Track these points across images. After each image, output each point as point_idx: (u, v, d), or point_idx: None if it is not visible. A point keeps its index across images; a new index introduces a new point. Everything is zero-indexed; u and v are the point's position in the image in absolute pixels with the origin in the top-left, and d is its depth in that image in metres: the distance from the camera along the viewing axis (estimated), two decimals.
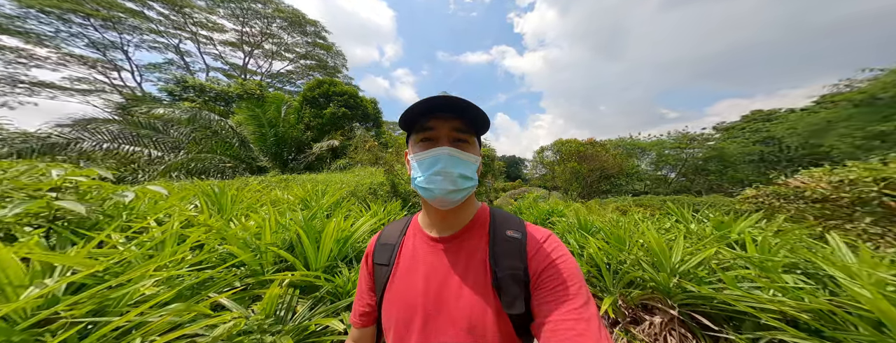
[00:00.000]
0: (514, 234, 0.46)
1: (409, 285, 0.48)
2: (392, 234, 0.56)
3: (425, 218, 0.53)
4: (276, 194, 3.17)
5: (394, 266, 0.51)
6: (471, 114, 0.43)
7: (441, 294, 0.44)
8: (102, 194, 1.47)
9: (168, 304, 0.82)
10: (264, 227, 1.34)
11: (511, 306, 0.40)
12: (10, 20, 12.76)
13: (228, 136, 7.73)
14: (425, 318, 0.43)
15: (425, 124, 0.45)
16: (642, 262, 1.52)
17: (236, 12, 21.81)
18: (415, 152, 0.46)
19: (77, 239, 1.12)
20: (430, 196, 0.44)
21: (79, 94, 14.98)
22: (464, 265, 0.46)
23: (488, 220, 0.50)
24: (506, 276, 0.42)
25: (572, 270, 0.41)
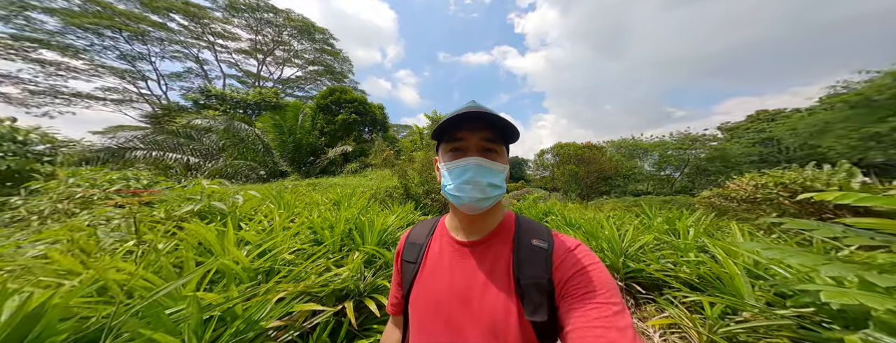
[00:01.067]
0: (539, 243, 0.47)
1: (435, 285, 0.49)
2: (420, 234, 0.59)
3: (452, 221, 0.55)
4: (314, 197, 3.83)
5: (421, 265, 0.53)
6: (500, 125, 0.44)
7: (465, 295, 0.45)
8: (224, 196, 2.12)
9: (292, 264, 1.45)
10: (338, 221, 1.97)
11: (534, 314, 0.41)
12: (50, 36, 14.00)
13: (254, 143, 8.52)
14: (449, 317, 0.45)
15: (456, 134, 0.47)
16: (603, 248, 2.09)
17: (250, 22, 22.97)
18: (445, 161, 0.48)
19: (221, 227, 1.76)
20: (459, 203, 0.46)
21: (112, 103, 16.21)
22: (488, 270, 0.46)
23: (513, 227, 0.51)
24: (529, 284, 0.42)
25: (602, 279, 0.40)
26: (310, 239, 1.85)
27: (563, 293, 0.41)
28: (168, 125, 9.06)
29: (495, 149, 0.47)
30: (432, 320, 0.46)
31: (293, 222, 1.99)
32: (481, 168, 0.44)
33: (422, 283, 0.51)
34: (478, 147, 0.46)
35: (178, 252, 1.27)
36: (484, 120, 0.44)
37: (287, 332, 1.05)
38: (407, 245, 0.59)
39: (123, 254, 1.26)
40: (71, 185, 3.05)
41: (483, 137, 0.45)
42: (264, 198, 2.70)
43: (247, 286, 1.13)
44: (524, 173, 30.39)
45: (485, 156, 0.46)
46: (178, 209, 1.88)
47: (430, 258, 0.53)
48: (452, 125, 0.45)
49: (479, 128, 0.45)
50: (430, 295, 0.48)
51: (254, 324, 0.92)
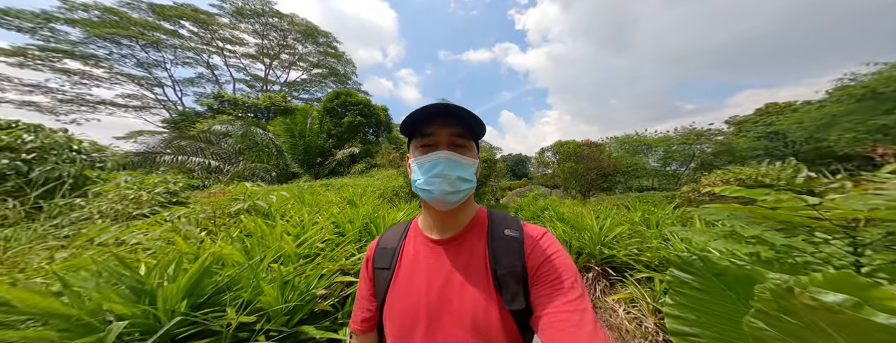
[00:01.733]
0: (511, 233, 0.48)
1: (412, 288, 0.48)
2: (392, 238, 0.57)
3: (425, 220, 0.54)
4: (329, 196, 4.24)
5: (395, 269, 0.52)
6: (468, 120, 0.45)
7: (444, 295, 0.45)
8: (261, 197, 2.53)
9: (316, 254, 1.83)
10: (357, 216, 2.35)
11: (512, 302, 0.42)
12: (73, 46, 14.82)
13: (268, 147, 9.04)
14: (429, 319, 0.44)
15: (425, 130, 0.47)
16: (585, 238, 2.42)
17: (256, 27, 23.59)
18: (415, 156, 0.49)
19: (264, 221, 2.16)
20: (429, 197, 0.47)
21: (132, 110, 17.09)
22: (465, 265, 0.47)
23: (486, 221, 0.52)
24: (505, 273, 0.43)
25: (567, 265, 0.43)
26: (334, 231, 2.23)
27: (535, 279, 0.43)
28: (187, 131, 9.65)
29: (465, 144, 0.48)
30: (413, 325, 0.45)
31: (319, 218, 2.39)
32: (451, 162, 0.45)
33: (398, 287, 0.50)
34: (448, 142, 0.46)
35: (250, 239, 1.67)
36: (452, 115, 0.44)
37: (329, 299, 1.42)
38: (378, 251, 0.56)
39: (206, 239, 1.67)
40: (123, 189, 3.54)
41: (452, 132, 0.46)
42: (289, 197, 3.11)
43: (296, 265, 1.52)
44: (528, 171, 30.51)
45: (454, 150, 0.46)
46: (229, 207, 2.30)
47: (404, 261, 0.52)
48: (421, 121, 0.46)
49: (449, 123, 0.46)
50: (408, 299, 0.48)
51: (308, 291, 1.29)
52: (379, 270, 0.54)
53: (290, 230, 1.89)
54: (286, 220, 2.24)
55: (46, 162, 3.44)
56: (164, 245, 1.47)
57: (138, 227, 1.87)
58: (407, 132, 0.49)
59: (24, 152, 3.37)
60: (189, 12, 18.71)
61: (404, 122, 0.46)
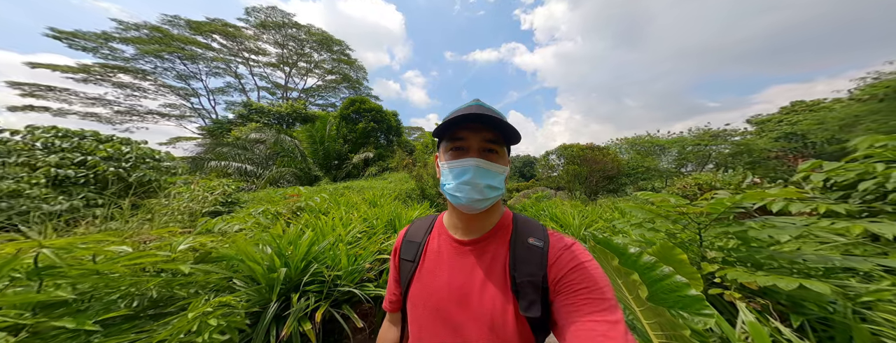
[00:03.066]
0: (535, 242, 0.48)
1: (434, 283, 0.51)
2: (418, 232, 0.60)
3: (451, 219, 0.56)
4: (352, 197, 4.97)
5: (419, 263, 0.54)
6: (501, 127, 0.44)
7: (464, 293, 0.47)
8: (308, 197, 3.25)
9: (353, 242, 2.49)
10: (383, 214, 3.01)
11: (528, 309, 0.42)
12: (127, 62, 16.86)
13: (293, 152, 10.05)
14: (449, 314, 0.47)
15: (457, 133, 0.47)
16: (568, 232, 2.94)
17: (277, 38, 25.40)
18: (446, 160, 0.49)
19: (315, 217, 2.85)
20: (457, 202, 0.48)
21: (173, 118, 19.09)
22: (486, 268, 0.48)
23: (511, 227, 0.52)
24: (524, 282, 0.44)
25: (595, 276, 0.42)
26: (364, 226, 2.90)
27: (558, 290, 0.43)
28: (224, 138, 10.87)
29: (496, 150, 0.48)
30: (432, 318, 0.48)
31: (353, 215, 3.06)
32: (481, 169, 0.45)
33: (420, 281, 0.52)
34: (479, 147, 0.47)
35: (314, 230, 2.35)
36: (486, 121, 0.44)
37: (372, 272, 2.06)
38: (404, 243, 0.59)
39: (285, 227, 2.37)
40: (194, 191, 4.45)
41: (484, 138, 0.46)
42: (329, 198, 3.84)
43: (349, 247, 2.18)
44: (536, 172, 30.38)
45: (485, 157, 0.47)
46: (293, 205, 3.02)
47: (428, 256, 0.54)
48: (453, 124, 0.45)
49: (480, 128, 0.46)
50: (428, 293, 0.50)
51: (360, 263, 1.93)
52: (404, 261, 0.57)
53: (337, 223, 2.57)
54: (330, 216, 2.93)
55: (139, 169, 4.39)
56: (259, 231, 2.17)
57: (236, 220, 2.62)
58: (437, 134, 0.50)
59: (124, 161, 4.33)
60: (220, 27, 20.62)
61: (439, 126, 0.47)
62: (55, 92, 14.73)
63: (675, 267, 1.11)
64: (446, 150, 0.50)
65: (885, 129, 8.88)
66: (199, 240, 1.45)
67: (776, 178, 4.60)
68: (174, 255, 1.24)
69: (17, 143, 3.76)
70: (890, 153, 1.66)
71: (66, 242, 0.88)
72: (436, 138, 0.52)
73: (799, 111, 19.06)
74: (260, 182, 7.77)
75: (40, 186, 3.29)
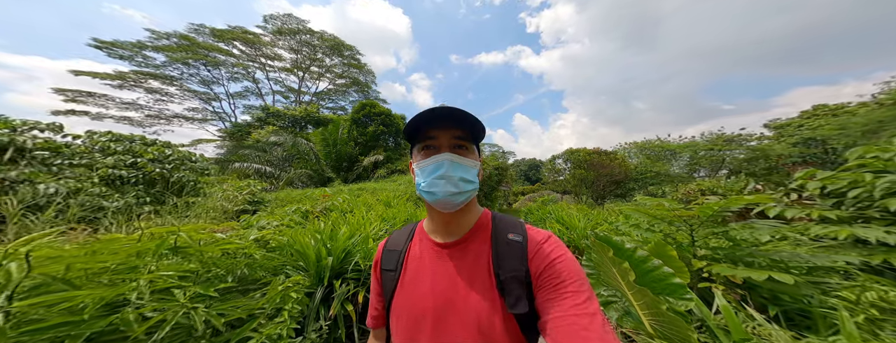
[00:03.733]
0: (515, 237, 0.48)
1: (417, 289, 0.50)
2: (398, 240, 0.59)
3: (430, 224, 0.56)
4: (369, 198, 5.28)
5: (401, 271, 0.53)
6: (468, 123, 0.46)
7: (449, 297, 0.46)
8: (332, 198, 3.56)
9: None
10: (399, 212, 3.28)
11: (515, 306, 0.42)
12: (157, 68, 18.11)
13: (308, 155, 10.54)
14: (435, 321, 0.46)
15: (427, 134, 0.48)
16: (573, 234, 3.11)
17: (291, 43, 26.61)
18: (418, 160, 0.50)
19: (337, 215, 3.15)
20: (433, 199, 0.48)
21: (196, 122, 20.27)
22: (469, 269, 0.48)
23: (490, 225, 0.52)
24: (509, 277, 0.44)
25: (572, 269, 0.43)
26: (385, 225, 3.17)
27: (539, 284, 0.43)
28: (245, 141, 11.51)
29: (466, 145, 0.49)
30: (418, 327, 0.47)
31: (371, 214, 3.34)
32: (454, 163, 0.46)
33: (404, 289, 0.52)
34: (449, 144, 0.48)
35: (348, 226, 2.64)
36: (453, 118, 0.46)
37: None
38: (385, 253, 0.59)
39: (317, 224, 2.67)
40: (225, 191, 4.86)
41: (454, 135, 0.48)
42: (350, 198, 4.15)
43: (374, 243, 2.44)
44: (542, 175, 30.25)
45: (456, 152, 0.48)
46: (316, 205, 3.34)
47: (410, 264, 0.54)
48: (423, 124, 0.47)
49: (449, 126, 0.48)
50: (413, 301, 0.49)
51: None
52: (386, 272, 0.56)
53: (364, 221, 2.84)
54: (357, 215, 3.22)
55: (179, 170, 4.84)
56: (296, 227, 2.47)
57: (276, 217, 2.94)
58: (410, 137, 0.51)
59: (167, 163, 4.80)
60: (240, 34, 21.87)
61: (407, 127, 0.48)
62: (94, 97, 16.02)
63: (667, 261, 1.31)
64: (418, 151, 0.51)
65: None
66: (263, 232, 1.74)
67: (781, 184, 4.59)
68: (247, 243, 1.53)
69: (79, 147, 4.26)
70: (880, 163, 1.79)
71: (186, 228, 1.18)
72: (409, 142, 0.53)
73: (821, 115, 18.30)
74: (278, 183, 8.23)
75: (98, 185, 3.73)
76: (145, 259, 0.98)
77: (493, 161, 8.54)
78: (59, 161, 3.69)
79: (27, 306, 0.67)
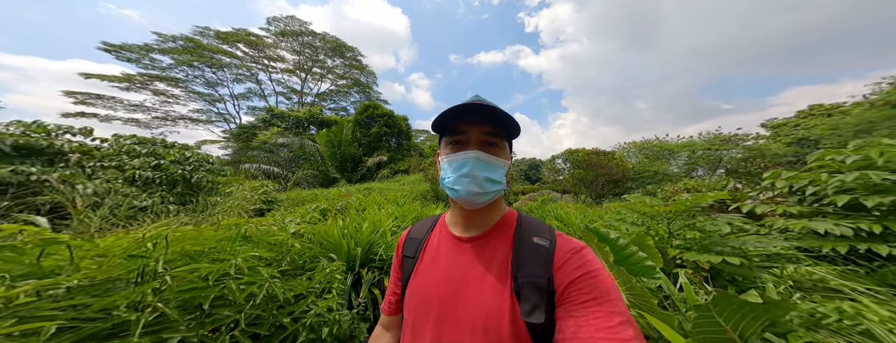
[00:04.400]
0: (540, 241, 0.46)
1: (430, 279, 0.50)
2: (421, 229, 0.60)
3: (452, 217, 0.56)
4: (377, 197, 5.56)
5: (419, 259, 0.54)
6: (501, 119, 0.44)
7: (460, 292, 0.45)
8: (346, 198, 3.84)
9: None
10: (410, 210, 3.55)
11: (530, 315, 0.39)
12: (163, 71, 18.41)
13: (314, 155, 10.82)
14: (441, 313, 0.45)
15: (457, 127, 0.47)
16: (571, 231, 3.38)
17: (294, 45, 26.89)
18: (446, 154, 0.49)
19: (355, 213, 3.42)
20: (456, 196, 0.47)
21: (201, 123, 20.56)
22: (484, 266, 0.46)
23: (514, 225, 0.50)
24: (526, 283, 0.41)
25: (606, 286, 0.39)
26: (396, 222, 3.44)
27: (564, 297, 0.40)
28: (251, 142, 11.78)
29: (497, 143, 0.47)
30: (425, 315, 0.47)
31: (382, 212, 3.62)
32: (480, 162, 0.45)
33: (419, 276, 0.52)
34: (479, 140, 0.46)
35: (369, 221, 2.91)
36: (485, 113, 0.44)
37: None
38: (407, 240, 0.60)
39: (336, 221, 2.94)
40: (241, 191, 5.13)
41: (484, 131, 0.46)
42: (362, 197, 4.43)
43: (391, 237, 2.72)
44: (542, 175, 30.54)
45: (485, 150, 0.46)
46: (333, 204, 3.61)
47: (428, 252, 0.54)
48: (453, 118, 0.45)
49: (480, 121, 0.46)
50: (424, 289, 0.49)
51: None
52: (406, 258, 0.57)
53: (378, 217, 3.11)
54: (371, 212, 3.49)
55: (199, 171, 5.12)
56: (321, 222, 2.75)
57: (298, 214, 3.22)
58: (438, 129, 0.49)
59: (187, 164, 5.07)
60: (244, 36, 22.16)
61: (437, 119, 0.46)
62: (103, 99, 16.32)
63: (644, 249, 1.58)
64: (446, 144, 0.49)
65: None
66: (299, 227, 2.01)
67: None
68: (288, 235, 1.80)
69: (107, 149, 4.53)
70: (836, 165, 2.06)
71: (243, 221, 1.45)
72: (437, 133, 0.51)
73: (816, 115, 18.59)
74: (285, 183, 8.50)
75: (125, 185, 4.01)
76: (231, 244, 1.25)
77: None
78: (92, 163, 3.96)
79: (184, 272, 0.95)
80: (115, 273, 0.89)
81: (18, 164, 3.02)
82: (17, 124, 3.61)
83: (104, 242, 1.03)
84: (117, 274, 0.89)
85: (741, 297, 0.70)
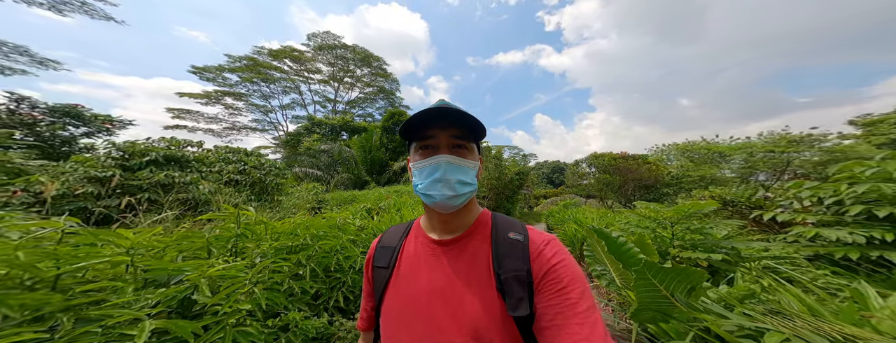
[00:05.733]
0: (516, 236, 0.47)
1: (411, 289, 0.48)
2: (393, 236, 0.57)
3: (427, 221, 0.54)
4: (407, 199, 6.29)
5: (394, 269, 0.52)
6: (468, 121, 0.45)
7: (445, 297, 0.45)
8: (388, 199, 4.58)
9: None
10: None
11: (516, 308, 0.41)
12: (231, 87, 22.23)
13: (349, 160, 12.17)
14: (428, 321, 0.44)
15: (425, 133, 0.47)
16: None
17: (328, 58, 30.06)
18: (415, 160, 0.49)
19: (394, 211, 4.10)
20: (431, 201, 0.47)
21: (258, 131, 24.27)
22: (466, 269, 0.46)
23: (490, 224, 0.51)
24: (509, 277, 0.43)
25: (575, 275, 0.41)
26: None
27: (540, 287, 0.42)
28: (298, 149, 13.63)
29: (465, 145, 0.48)
30: (407, 326, 0.46)
31: (414, 213, 4.27)
32: (451, 165, 0.46)
33: (397, 287, 0.50)
34: (448, 144, 0.47)
35: (402, 219, 3.57)
36: (452, 117, 0.45)
37: None
38: (378, 250, 0.57)
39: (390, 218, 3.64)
40: (299, 192, 6.25)
41: (452, 134, 0.47)
42: (397, 199, 5.18)
43: None
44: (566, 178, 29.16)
45: (455, 152, 0.47)
46: (376, 204, 4.37)
47: (404, 260, 0.53)
48: (421, 124, 0.46)
49: (447, 125, 0.46)
50: (407, 298, 0.48)
51: None
52: (378, 269, 0.55)
53: (411, 216, 3.75)
54: (401, 211, 4.16)
55: (271, 175, 6.38)
56: (369, 219, 3.46)
57: (349, 213, 4.02)
58: (406, 136, 0.50)
59: (263, 169, 6.37)
60: (289, 52, 25.63)
61: (403, 126, 0.46)
62: (192, 114, 20.43)
63: (643, 247, 1.90)
64: (416, 149, 0.50)
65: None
66: (362, 221, 2.71)
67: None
68: (356, 226, 2.48)
69: (211, 158, 5.97)
70: (860, 176, 2.09)
71: (335, 215, 2.14)
72: (406, 141, 0.52)
73: None
74: (327, 185, 9.79)
75: (228, 186, 5.27)
76: (332, 230, 1.94)
77: (515, 167, 8.98)
78: (205, 169, 5.31)
79: (319, 244, 1.63)
80: (287, 243, 1.59)
81: (168, 170, 4.30)
82: (163, 140, 5.07)
83: (277, 224, 1.77)
84: (289, 244, 1.60)
85: (697, 278, 1.07)
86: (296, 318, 1.19)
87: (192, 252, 1.24)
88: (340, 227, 2.03)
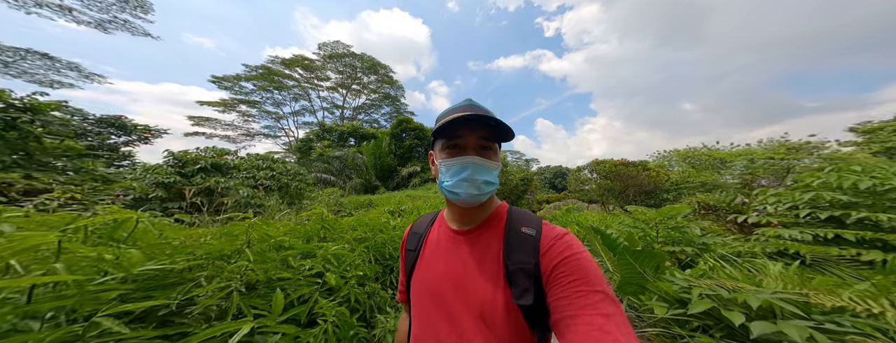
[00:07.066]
0: (528, 230, 0.49)
1: (430, 271, 0.54)
2: (422, 224, 0.65)
3: (450, 213, 0.59)
4: (421, 203, 6.79)
5: (420, 252, 0.58)
6: (495, 124, 0.47)
7: (458, 281, 0.49)
8: (410, 202, 5.07)
9: None
10: None
11: (520, 297, 0.43)
12: (246, 95, 23.33)
13: (362, 166, 12.77)
14: (443, 303, 0.49)
15: (455, 132, 0.49)
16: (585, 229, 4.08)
17: (337, 65, 31.28)
18: (442, 158, 0.51)
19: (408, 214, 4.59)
20: (455, 198, 0.51)
21: (271, 138, 25.23)
22: (479, 257, 0.50)
23: (505, 217, 0.54)
24: (516, 269, 0.45)
25: (588, 267, 0.42)
26: None
27: (550, 280, 0.43)
28: (309, 155, 14.30)
29: (490, 146, 0.51)
30: (429, 306, 0.51)
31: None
32: (479, 167, 0.48)
33: (420, 270, 0.56)
34: (475, 145, 0.49)
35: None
36: (482, 120, 0.47)
37: None
38: (410, 235, 0.64)
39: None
40: (322, 196, 6.79)
41: (480, 136, 0.49)
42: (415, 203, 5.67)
43: None
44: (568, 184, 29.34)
45: (481, 154, 0.50)
46: (397, 207, 4.88)
47: (428, 246, 0.58)
48: (452, 122, 0.48)
49: (477, 127, 0.49)
50: (426, 281, 0.53)
51: None
52: (408, 251, 0.62)
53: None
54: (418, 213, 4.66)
55: (296, 180, 6.95)
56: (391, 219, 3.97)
57: (374, 214, 4.53)
58: (435, 132, 0.52)
59: (288, 175, 6.94)
60: (301, 61, 26.83)
61: (437, 125, 0.50)
62: (210, 122, 21.49)
63: (632, 243, 2.37)
64: (443, 148, 0.52)
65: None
66: (387, 217, 3.22)
67: None
68: (383, 223, 2.98)
69: (244, 164, 6.57)
70: (809, 185, 2.55)
71: (359, 214, 2.65)
72: (432, 138, 0.55)
73: None
74: (342, 190, 10.32)
75: (259, 190, 5.84)
76: (382, 225, 2.45)
77: (519, 173, 9.42)
78: (241, 175, 5.90)
79: (377, 237, 2.14)
80: (356, 235, 2.10)
81: (216, 177, 4.89)
82: (209, 149, 5.68)
83: (342, 221, 2.29)
84: (358, 235, 2.11)
85: (660, 258, 1.55)
86: (376, 288, 1.68)
87: (304, 237, 1.76)
88: (384, 225, 2.54)
